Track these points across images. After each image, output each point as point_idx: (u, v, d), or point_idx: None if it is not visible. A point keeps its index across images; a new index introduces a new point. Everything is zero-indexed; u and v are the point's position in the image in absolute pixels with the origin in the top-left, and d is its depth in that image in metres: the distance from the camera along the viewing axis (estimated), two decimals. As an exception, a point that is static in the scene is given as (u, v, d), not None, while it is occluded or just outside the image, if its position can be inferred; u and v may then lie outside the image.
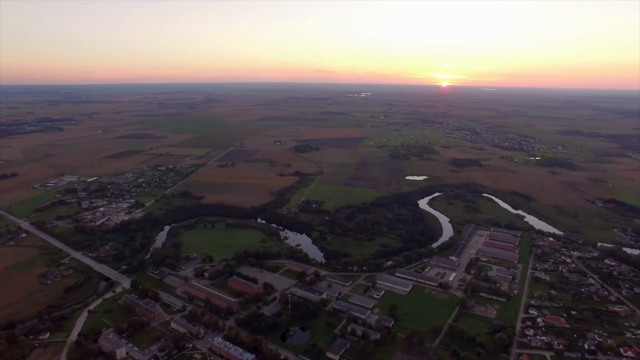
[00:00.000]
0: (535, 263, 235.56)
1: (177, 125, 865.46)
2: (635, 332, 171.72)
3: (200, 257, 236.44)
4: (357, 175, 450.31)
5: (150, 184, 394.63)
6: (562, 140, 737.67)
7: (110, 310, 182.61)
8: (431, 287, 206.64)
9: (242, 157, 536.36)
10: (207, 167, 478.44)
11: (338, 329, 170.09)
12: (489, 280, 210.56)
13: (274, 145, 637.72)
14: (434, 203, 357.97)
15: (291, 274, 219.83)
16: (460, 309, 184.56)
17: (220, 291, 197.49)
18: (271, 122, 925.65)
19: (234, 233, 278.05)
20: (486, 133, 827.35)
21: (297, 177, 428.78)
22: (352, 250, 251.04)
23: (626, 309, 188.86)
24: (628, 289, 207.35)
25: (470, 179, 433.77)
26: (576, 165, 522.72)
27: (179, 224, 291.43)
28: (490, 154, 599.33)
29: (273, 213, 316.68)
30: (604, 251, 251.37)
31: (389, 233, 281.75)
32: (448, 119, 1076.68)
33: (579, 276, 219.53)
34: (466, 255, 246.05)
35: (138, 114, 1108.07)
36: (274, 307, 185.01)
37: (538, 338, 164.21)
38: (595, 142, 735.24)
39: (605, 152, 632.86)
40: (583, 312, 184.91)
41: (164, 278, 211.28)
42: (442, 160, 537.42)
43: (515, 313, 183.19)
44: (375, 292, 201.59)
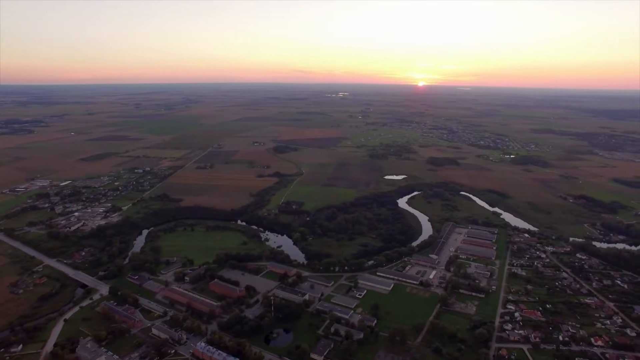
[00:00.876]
0: (512, 259, 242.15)
1: (154, 126, 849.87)
2: (605, 322, 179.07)
3: (181, 261, 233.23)
4: (337, 175, 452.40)
5: (127, 187, 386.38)
6: (535, 139, 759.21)
7: (88, 318, 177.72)
8: (412, 286, 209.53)
9: (220, 158, 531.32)
10: (186, 169, 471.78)
11: (321, 329, 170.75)
12: (468, 277, 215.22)
13: (252, 146, 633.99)
14: (413, 202, 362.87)
15: (273, 275, 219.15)
16: (441, 306, 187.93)
17: (202, 295, 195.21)
18: (249, 123, 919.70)
19: (214, 235, 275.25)
20: (463, 132, 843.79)
21: (276, 178, 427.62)
22: (334, 251, 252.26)
23: (596, 300, 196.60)
24: (597, 281, 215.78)
25: (448, 178, 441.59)
26: (548, 163, 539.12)
27: (158, 228, 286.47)
28: (467, 152, 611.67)
29: (253, 215, 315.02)
30: (576, 246, 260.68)
31: (369, 233, 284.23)
32: (425, 119, 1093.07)
33: (553, 271, 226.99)
34: (445, 253, 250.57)
35: (113, 115, 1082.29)
36: (257, 309, 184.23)
37: (516, 332, 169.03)
38: (566, 140, 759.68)
39: (575, 149, 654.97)
40: (557, 305, 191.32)
41: (144, 283, 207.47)
42: (420, 160, 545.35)
43: (494, 308, 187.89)
44: (358, 291, 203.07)
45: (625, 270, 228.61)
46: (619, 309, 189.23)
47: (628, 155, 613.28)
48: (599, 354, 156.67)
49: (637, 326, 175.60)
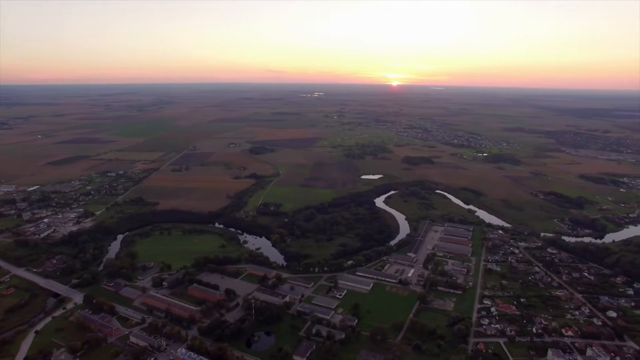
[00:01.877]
0: (487, 255, 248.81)
1: (126, 128, 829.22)
2: (574, 313, 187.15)
3: (158, 266, 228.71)
4: (314, 175, 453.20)
5: (100, 191, 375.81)
6: (507, 137, 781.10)
7: (61, 329, 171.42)
8: (391, 284, 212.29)
9: (196, 160, 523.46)
10: (160, 171, 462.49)
11: (303, 331, 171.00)
12: (445, 275, 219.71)
13: (228, 147, 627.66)
14: (390, 201, 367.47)
15: (253, 278, 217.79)
16: (420, 304, 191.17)
17: (181, 300, 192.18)
18: (224, 124, 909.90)
19: (192, 239, 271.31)
20: (437, 131, 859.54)
21: (253, 179, 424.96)
22: (313, 252, 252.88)
23: (566, 293, 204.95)
24: (567, 274, 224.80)
25: (424, 177, 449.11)
26: (519, 161, 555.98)
27: (133, 233, 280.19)
28: (441, 151, 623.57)
29: (231, 217, 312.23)
30: (547, 240, 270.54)
31: (347, 233, 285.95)
32: (400, 118, 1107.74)
33: (526, 265, 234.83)
34: (423, 251, 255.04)
35: (82, 117, 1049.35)
36: (237, 313, 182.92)
37: (492, 326, 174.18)
38: (535, 138, 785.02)
39: (544, 147, 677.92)
40: (531, 298, 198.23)
41: (120, 290, 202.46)
42: (395, 159, 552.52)
43: (471, 304, 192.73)
44: (338, 292, 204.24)
45: (592, 262, 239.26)
46: (587, 299, 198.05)
47: (592, 153, 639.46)
48: (569, 343, 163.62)
49: (602, 315, 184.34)
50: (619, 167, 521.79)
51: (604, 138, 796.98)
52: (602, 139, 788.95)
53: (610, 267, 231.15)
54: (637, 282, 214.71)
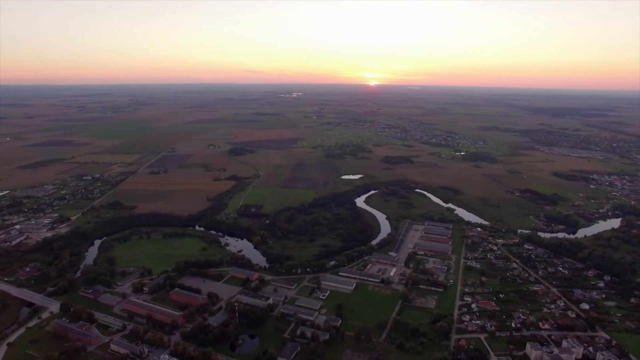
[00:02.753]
0: (466, 253, 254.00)
1: (101, 130, 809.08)
2: (550, 306, 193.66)
3: (138, 271, 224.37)
4: (294, 176, 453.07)
5: (75, 195, 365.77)
6: (483, 136, 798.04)
7: (36, 340, 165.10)
8: (374, 284, 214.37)
9: (174, 162, 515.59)
10: (138, 174, 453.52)
11: (287, 332, 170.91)
12: (427, 273, 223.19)
13: (207, 149, 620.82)
14: (370, 201, 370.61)
15: (235, 281, 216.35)
16: (402, 303, 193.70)
17: (163, 305, 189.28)
18: (203, 125, 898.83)
19: (172, 243, 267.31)
20: (415, 130, 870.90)
21: (233, 181, 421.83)
22: (295, 253, 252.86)
23: (542, 287, 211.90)
24: (543, 269, 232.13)
25: (403, 176, 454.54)
26: (496, 159, 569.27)
27: (111, 237, 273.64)
28: (420, 150, 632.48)
29: (211, 219, 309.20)
30: (523, 237, 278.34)
31: (329, 233, 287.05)
32: (378, 118, 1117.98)
33: (504, 262, 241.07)
34: (404, 250, 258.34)
35: (55, 118, 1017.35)
36: (221, 316, 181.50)
37: (473, 322, 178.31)
38: (510, 136, 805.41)
39: (519, 145, 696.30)
40: (509, 294, 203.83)
41: (99, 297, 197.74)
42: (375, 159, 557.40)
43: (453, 301, 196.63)
44: (321, 292, 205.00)
45: (566, 257, 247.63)
46: (561, 293, 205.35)
47: (564, 150, 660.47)
48: (546, 336, 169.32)
49: (576, 308, 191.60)
50: (589, 164, 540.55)
51: (575, 136, 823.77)
52: (573, 137, 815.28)
53: (582, 261, 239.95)
54: (607, 275, 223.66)
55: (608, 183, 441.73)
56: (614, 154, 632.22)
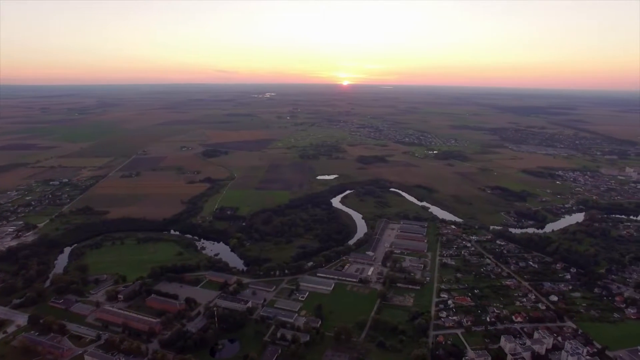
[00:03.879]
0: (442, 250, 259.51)
1: (68, 133, 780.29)
2: (522, 300, 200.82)
3: (112, 278, 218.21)
4: (269, 177, 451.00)
5: (42, 201, 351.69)
6: (454, 135, 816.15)
7: (2, 356, 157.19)
8: (352, 284, 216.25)
9: (146, 165, 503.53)
10: (109, 178, 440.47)
11: (268, 336, 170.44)
12: (404, 271, 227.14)
13: (180, 151, 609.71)
14: (346, 201, 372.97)
15: (213, 285, 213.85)
16: (381, 302, 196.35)
17: (139, 313, 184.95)
18: (175, 127, 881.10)
19: (147, 248, 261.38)
20: (388, 130, 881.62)
21: (208, 183, 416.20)
22: (272, 255, 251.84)
23: (514, 281, 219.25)
24: (515, 264, 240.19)
25: (378, 175, 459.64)
26: (467, 157, 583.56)
27: (82, 244, 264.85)
28: (394, 150, 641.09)
29: (187, 223, 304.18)
30: (495, 233, 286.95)
31: (306, 234, 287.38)
32: (352, 117, 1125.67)
33: (478, 258, 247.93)
34: (381, 249, 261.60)
35: (15, 120, 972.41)
36: (200, 322, 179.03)
37: (450, 318, 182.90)
38: (480, 135, 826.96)
39: (489, 144, 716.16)
40: (484, 289, 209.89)
41: (71, 307, 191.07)
42: (350, 159, 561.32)
43: (430, 298, 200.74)
44: (300, 294, 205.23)
45: (535, 251, 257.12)
46: (532, 286, 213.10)
47: (532, 148, 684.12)
48: (519, 329, 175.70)
49: (545, 300, 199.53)
50: (555, 161, 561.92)
51: (541, 134, 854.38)
52: (540, 134, 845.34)
53: (551, 255, 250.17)
54: (573, 268, 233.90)
55: (572, 179, 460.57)
56: (576, 151, 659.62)
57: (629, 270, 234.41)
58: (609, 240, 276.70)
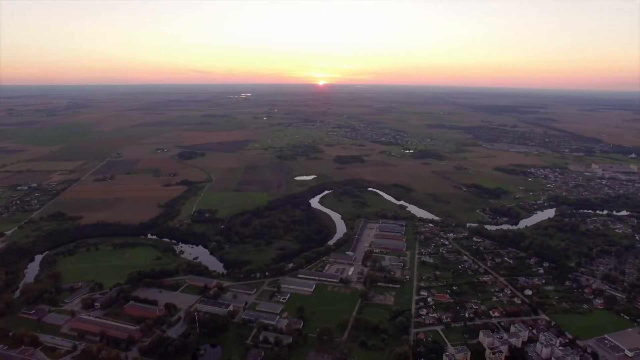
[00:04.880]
0: (420, 248, 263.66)
1: (36, 135, 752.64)
2: (498, 295, 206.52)
3: (87, 286, 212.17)
4: (247, 179, 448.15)
5: (9, 208, 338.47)
6: (430, 134, 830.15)
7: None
8: (333, 284, 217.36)
9: (121, 168, 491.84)
10: (82, 182, 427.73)
11: (250, 339, 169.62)
12: (384, 270, 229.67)
13: (155, 153, 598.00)
14: (325, 201, 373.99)
15: (193, 289, 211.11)
16: (362, 301, 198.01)
17: (117, 320, 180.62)
18: (150, 128, 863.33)
19: (124, 253, 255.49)
20: (365, 129, 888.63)
21: (185, 186, 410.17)
22: (252, 257, 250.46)
23: (491, 277, 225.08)
24: (491, 260, 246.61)
25: (356, 175, 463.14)
26: (443, 156, 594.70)
27: (55, 251, 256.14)
28: (371, 149, 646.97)
29: (164, 227, 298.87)
30: (472, 230, 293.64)
31: (285, 235, 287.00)
32: (329, 117, 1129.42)
33: (455, 255, 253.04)
34: (361, 249, 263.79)
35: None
36: (180, 327, 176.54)
37: (430, 316, 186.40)
38: (455, 134, 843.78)
39: (464, 142, 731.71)
40: (462, 286, 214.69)
41: (44, 317, 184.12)
42: (327, 159, 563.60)
43: (410, 297, 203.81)
44: (281, 296, 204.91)
45: (510, 247, 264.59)
46: (508, 282, 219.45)
47: (504, 146, 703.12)
48: (496, 323, 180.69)
49: (521, 294, 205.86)
50: (526, 159, 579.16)
51: (513, 132, 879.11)
52: (512, 133, 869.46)
53: (525, 250, 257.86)
54: (546, 262, 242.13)
55: (543, 176, 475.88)
56: (546, 149, 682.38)
57: (596, 262, 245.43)
58: (577, 234, 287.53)
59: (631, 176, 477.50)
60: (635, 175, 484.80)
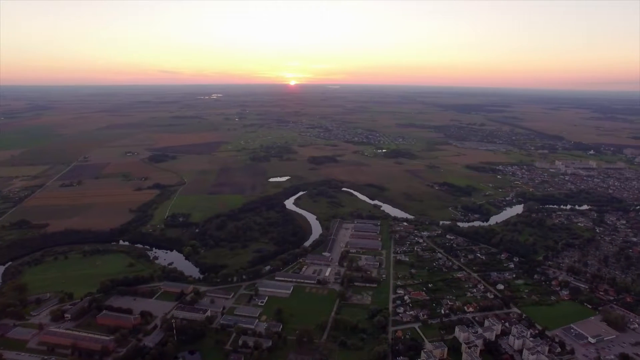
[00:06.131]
0: (395, 247, 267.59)
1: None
2: (472, 291, 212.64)
3: (56, 297, 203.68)
4: (221, 181, 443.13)
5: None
6: (401, 133, 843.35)
7: None
8: (311, 285, 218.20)
9: (89, 173, 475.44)
10: (47, 188, 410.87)
11: (229, 344, 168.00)
12: (360, 270, 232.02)
13: (125, 156, 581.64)
14: (300, 202, 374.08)
15: (169, 296, 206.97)
16: (340, 301, 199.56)
17: (90, 331, 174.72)
18: (118, 131, 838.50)
19: (94, 261, 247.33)
20: (337, 130, 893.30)
21: (157, 189, 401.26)
22: (228, 261, 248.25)
23: (465, 273, 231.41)
24: (464, 256, 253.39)
25: (330, 175, 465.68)
26: (415, 155, 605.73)
27: (19, 262, 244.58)
28: (344, 149, 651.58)
29: (137, 232, 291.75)
30: (445, 228, 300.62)
31: (261, 238, 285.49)
32: (301, 118, 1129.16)
33: (430, 253, 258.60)
34: (337, 250, 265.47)
35: None
36: (157, 335, 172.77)
37: (407, 313, 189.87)
38: (426, 132, 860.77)
39: (434, 141, 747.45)
40: (437, 283, 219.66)
41: (8, 332, 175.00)
42: (301, 159, 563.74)
43: (387, 295, 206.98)
44: (259, 299, 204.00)
45: (482, 243, 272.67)
46: (481, 277, 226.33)
47: (474, 144, 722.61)
48: (471, 318, 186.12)
49: (493, 289, 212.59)
50: (495, 157, 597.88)
51: (481, 130, 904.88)
52: (480, 131, 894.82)
53: (496, 246, 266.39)
54: (516, 257, 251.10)
55: (511, 173, 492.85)
56: (513, 146, 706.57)
57: (562, 255, 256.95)
58: (544, 229, 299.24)
59: (591, 172, 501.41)
60: (594, 171, 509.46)
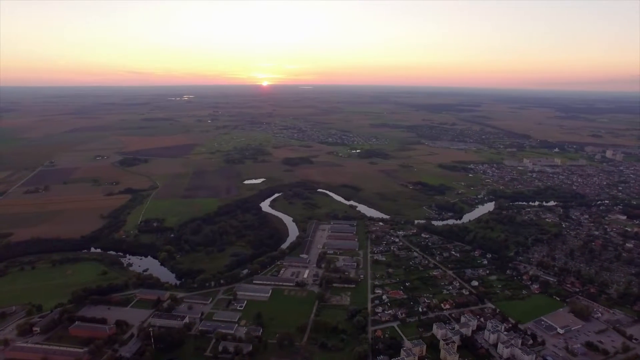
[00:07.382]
0: (372, 247, 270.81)
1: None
2: (448, 288, 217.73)
3: (23, 310, 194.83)
4: (195, 185, 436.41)
5: None
6: (375, 133, 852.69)
7: None
8: (289, 288, 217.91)
9: (56, 178, 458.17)
10: (10, 195, 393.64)
11: (209, 350, 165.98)
12: (338, 271, 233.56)
13: (94, 160, 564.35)
14: (276, 204, 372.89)
15: (145, 303, 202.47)
16: (319, 303, 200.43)
17: (62, 344, 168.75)
18: (86, 134, 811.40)
19: (65, 270, 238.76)
20: (311, 130, 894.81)
21: (129, 194, 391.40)
22: (205, 265, 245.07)
23: (440, 271, 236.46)
24: (439, 254, 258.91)
25: (305, 177, 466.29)
26: (389, 155, 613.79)
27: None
28: (318, 150, 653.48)
29: (109, 239, 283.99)
30: (420, 227, 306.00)
31: (238, 241, 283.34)
32: (274, 119, 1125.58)
33: (406, 252, 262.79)
34: (314, 251, 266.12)
35: None
36: (134, 345, 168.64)
37: (386, 313, 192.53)
38: (399, 132, 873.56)
39: (407, 141, 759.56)
40: (414, 281, 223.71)
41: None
42: (275, 161, 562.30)
43: (365, 295, 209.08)
44: (238, 303, 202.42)
45: (456, 241, 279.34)
46: (456, 274, 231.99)
47: (445, 144, 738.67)
48: (448, 315, 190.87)
49: (468, 286, 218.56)
50: (466, 155, 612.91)
51: (452, 130, 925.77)
52: (451, 131, 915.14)
53: (469, 244, 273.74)
54: (489, 253, 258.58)
55: (482, 171, 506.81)
56: (483, 145, 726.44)
57: (532, 250, 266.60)
58: (515, 225, 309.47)
59: (556, 169, 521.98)
60: (559, 168, 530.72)
